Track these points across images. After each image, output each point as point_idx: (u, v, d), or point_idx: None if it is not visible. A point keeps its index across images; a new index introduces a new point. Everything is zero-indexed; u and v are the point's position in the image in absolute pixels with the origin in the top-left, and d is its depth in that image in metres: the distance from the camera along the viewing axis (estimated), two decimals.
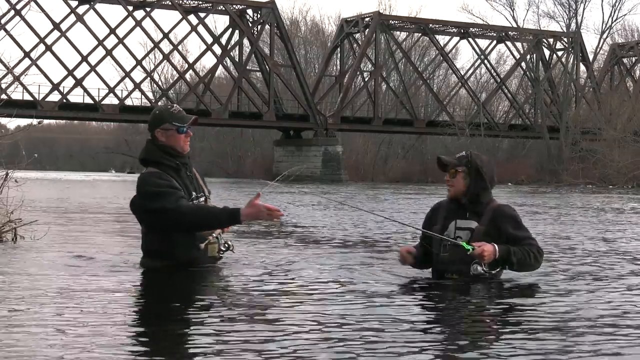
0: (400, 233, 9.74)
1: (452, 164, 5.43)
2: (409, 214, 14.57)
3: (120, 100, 54.54)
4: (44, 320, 3.95)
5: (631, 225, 12.48)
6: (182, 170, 5.59)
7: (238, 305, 4.52)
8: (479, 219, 5.30)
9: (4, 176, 8.56)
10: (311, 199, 20.23)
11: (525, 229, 5.39)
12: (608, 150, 50.31)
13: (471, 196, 5.35)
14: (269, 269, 6.02)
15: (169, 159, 5.55)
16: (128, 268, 5.94)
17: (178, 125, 5.56)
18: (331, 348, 3.47)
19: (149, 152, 5.64)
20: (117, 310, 4.31)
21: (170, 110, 5.67)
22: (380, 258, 6.93)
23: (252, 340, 3.61)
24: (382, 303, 4.63)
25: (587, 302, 4.81)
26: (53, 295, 4.73)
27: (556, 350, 3.51)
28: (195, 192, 5.60)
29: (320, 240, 8.91)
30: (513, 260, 5.21)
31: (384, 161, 69.43)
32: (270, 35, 58.99)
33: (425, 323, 4.20)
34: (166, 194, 5.38)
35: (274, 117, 57.36)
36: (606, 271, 6.39)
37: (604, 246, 8.69)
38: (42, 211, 13.33)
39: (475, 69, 66.95)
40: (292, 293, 5.00)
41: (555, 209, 17.59)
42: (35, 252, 7.05)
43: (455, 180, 5.39)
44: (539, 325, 4.09)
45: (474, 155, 5.46)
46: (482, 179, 5.36)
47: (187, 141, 5.65)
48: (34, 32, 50.95)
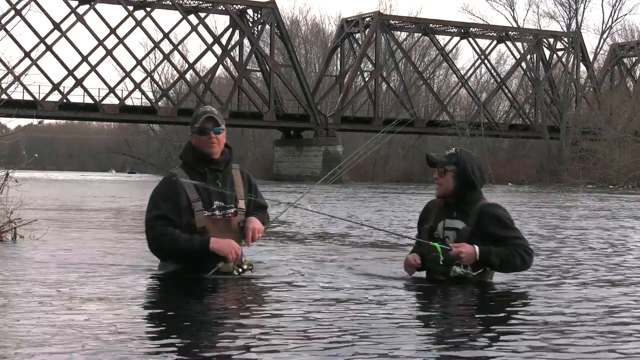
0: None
1: (440, 162, 5.33)
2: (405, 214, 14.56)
3: (121, 100, 54.52)
4: (43, 320, 3.94)
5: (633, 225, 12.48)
6: (209, 178, 5.35)
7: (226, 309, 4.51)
8: (466, 219, 5.21)
9: (4, 176, 8.56)
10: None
11: (513, 227, 5.25)
12: (608, 150, 50.29)
13: (459, 195, 5.27)
14: (273, 269, 6.01)
15: (198, 163, 5.37)
16: (127, 268, 5.93)
17: (197, 127, 5.38)
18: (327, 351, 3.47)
19: (184, 150, 5.51)
20: (117, 310, 4.30)
21: (197, 112, 5.49)
22: (361, 258, 6.93)
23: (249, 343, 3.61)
24: (373, 306, 4.62)
25: (581, 302, 4.80)
26: (52, 295, 4.72)
27: (551, 350, 3.51)
28: (223, 202, 5.34)
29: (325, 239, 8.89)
30: (495, 262, 5.11)
31: (385, 161, 69.42)
32: (271, 35, 58.97)
33: (414, 325, 4.20)
34: (157, 202, 5.29)
35: (274, 117, 57.35)
36: (605, 270, 6.39)
37: (609, 247, 8.69)
38: (42, 211, 13.33)
39: (476, 69, 67.00)
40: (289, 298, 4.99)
41: (554, 208, 17.58)
42: (35, 251, 7.04)
43: (444, 179, 5.30)
44: (532, 326, 4.09)
45: (464, 153, 5.36)
46: (471, 178, 5.27)
47: (212, 144, 5.33)
48: (34, 32, 50.93)
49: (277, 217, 6.33)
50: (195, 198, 5.30)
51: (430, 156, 5.40)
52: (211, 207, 5.32)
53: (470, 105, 67.59)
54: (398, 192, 30.91)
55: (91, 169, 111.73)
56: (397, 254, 7.21)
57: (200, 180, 5.33)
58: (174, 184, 5.32)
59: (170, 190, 5.32)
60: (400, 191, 31.85)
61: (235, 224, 5.38)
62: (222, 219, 5.34)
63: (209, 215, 5.30)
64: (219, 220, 5.33)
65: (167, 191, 5.34)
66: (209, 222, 5.29)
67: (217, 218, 5.33)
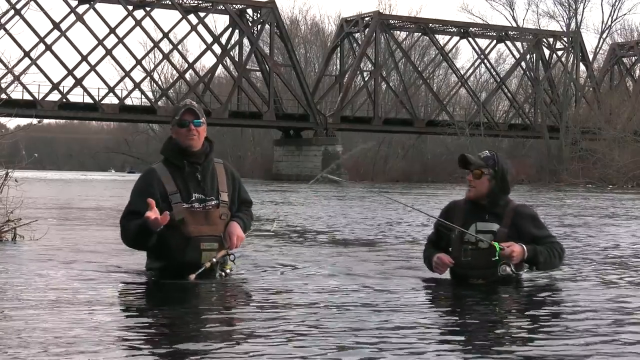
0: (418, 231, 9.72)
1: (477, 164, 5.25)
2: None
3: (120, 99, 54.51)
4: (42, 320, 3.94)
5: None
6: (187, 170, 5.34)
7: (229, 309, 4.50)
8: (500, 221, 5.20)
9: (4, 176, 8.55)
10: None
11: (546, 227, 5.34)
12: (608, 150, 50.30)
13: (492, 198, 5.24)
14: (277, 269, 6.01)
15: (177, 156, 5.37)
16: (127, 268, 5.93)
17: (176, 119, 5.39)
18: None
19: (164, 144, 5.53)
20: (116, 310, 4.30)
21: (177, 105, 5.54)
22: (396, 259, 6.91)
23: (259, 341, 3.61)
24: (403, 310, 4.61)
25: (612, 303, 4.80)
26: (52, 295, 4.72)
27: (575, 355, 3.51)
28: (203, 194, 5.31)
29: (336, 240, 8.89)
30: (540, 260, 5.15)
31: (384, 161, 69.41)
32: (270, 34, 58.95)
33: (452, 331, 4.19)
34: (134, 197, 5.30)
35: (274, 116, 57.33)
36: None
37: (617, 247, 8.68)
38: (41, 211, 13.32)
39: (475, 69, 67.00)
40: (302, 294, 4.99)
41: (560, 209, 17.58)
42: (35, 251, 7.04)
43: (479, 181, 5.23)
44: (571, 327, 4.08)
45: (500, 158, 5.32)
46: (508, 182, 5.27)
47: (192, 136, 5.33)
48: (33, 31, 50.93)
49: (270, 228, 6.30)
50: (173, 190, 5.29)
51: (468, 157, 5.30)
52: (190, 199, 5.30)
53: (469, 104, 67.59)
54: (416, 191, 30.90)
55: (91, 169, 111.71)
56: (391, 254, 7.23)
57: (178, 173, 5.33)
58: (150, 177, 5.33)
59: (146, 183, 5.33)
60: (419, 190, 31.84)
61: (217, 216, 5.34)
62: (202, 210, 5.31)
63: (187, 207, 5.27)
64: (198, 212, 5.29)
65: (142, 185, 5.35)
66: (187, 214, 5.26)
67: (196, 210, 5.29)
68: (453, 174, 56.69)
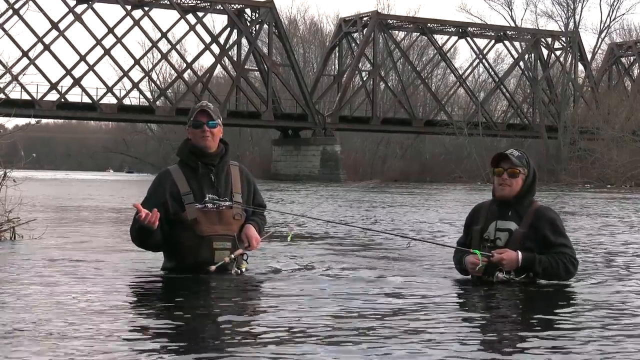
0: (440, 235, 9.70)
1: (518, 164, 5.20)
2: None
3: (119, 99, 54.49)
4: (40, 319, 3.94)
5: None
6: (201, 171, 5.37)
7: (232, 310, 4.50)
8: (520, 221, 5.15)
9: (3, 175, 8.56)
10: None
11: (564, 234, 5.19)
12: (606, 150, 50.34)
13: (520, 197, 5.19)
14: (282, 266, 6.02)
15: (192, 158, 5.39)
16: (126, 268, 5.93)
17: (191, 120, 5.42)
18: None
19: (180, 146, 5.55)
20: (115, 310, 4.30)
21: (193, 107, 5.58)
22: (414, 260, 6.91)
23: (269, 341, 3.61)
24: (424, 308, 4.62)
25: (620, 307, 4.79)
26: (52, 295, 4.72)
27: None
28: (216, 195, 5.34)
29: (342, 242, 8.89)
30: (538, 270, 5.06)
31: (383, 161, 69.40)
32: (269, 34, 58.93)
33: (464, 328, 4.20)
34: (146, 198, 5.38)
35: (272, 116, 57.33)
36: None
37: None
38: (40, 210, 13.32)
39: (474, 69, 66.98)
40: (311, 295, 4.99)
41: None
42: (34, 251, 7.04)
43: (515, 180, 5.18)
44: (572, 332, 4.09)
45: (528, 156, 5.30)
46: (535, 184, 5.26)
47: (206, 137, 5.35)
48: (32, 31, 50.89)
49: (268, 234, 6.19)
50: (186, 191, 5.33)
51: (510, 156, 5.21)
52: (203, 200, 5.34)
53: (468, 104, 67.56)
54: (421, 192, 30.90)
55: (89, 169, 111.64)
56: (387, 254, 7.24)
57: (192, 174, 5.37)
58: (164, 178, 5.39)
59: (158, 184, 5.41)
60: (425, 191, 31.84)
61: (230, 217, 5.38)
62: (215, 210, 5.35)
63: (200, 207, 5.32)
64: (211, 212, 5.34)
65: (154, 186, 5.44)
66: (200, 214, 5.31)
67: (209, 210, 5.33)
68: (451, 173, 56.81)
